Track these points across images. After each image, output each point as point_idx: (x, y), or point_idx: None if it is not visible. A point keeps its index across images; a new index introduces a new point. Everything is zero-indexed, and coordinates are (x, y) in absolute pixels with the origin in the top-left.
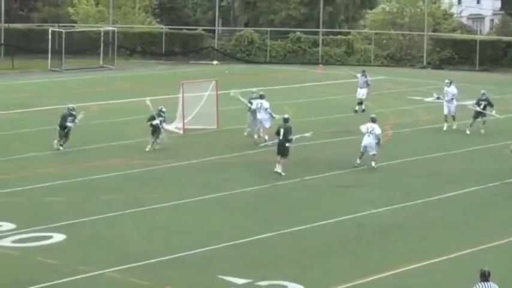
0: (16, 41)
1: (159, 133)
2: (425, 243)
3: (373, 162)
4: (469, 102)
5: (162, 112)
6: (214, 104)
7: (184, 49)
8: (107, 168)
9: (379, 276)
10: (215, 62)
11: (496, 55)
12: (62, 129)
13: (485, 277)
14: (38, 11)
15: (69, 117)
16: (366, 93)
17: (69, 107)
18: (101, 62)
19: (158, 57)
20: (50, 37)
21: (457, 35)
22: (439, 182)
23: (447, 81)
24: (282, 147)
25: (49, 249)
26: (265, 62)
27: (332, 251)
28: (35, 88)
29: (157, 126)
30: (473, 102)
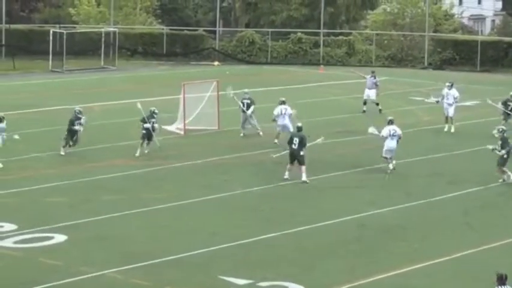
0: (17, 41)
1: (151, 136)
2: (427, 244)
3: (394, 162)
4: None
5: (154, 114)
6: (216, 105)
7: (185, 50)
8: (108, 168)
9: (381, 276)
10: (216, 63)
11: (497, 56)
12: (70, 134)
13: (502, 280)
14: (39, 11)
15: (76, 120)
16: (375, 94)
17: (76, 110)
18: (102, 62)
19: (159, 58)
20: (51, 38)
21: (458, 36)
22: (441, 182)
23: (448, 83)
24: (298, 156)
25: (51, 250)
26: (266, 63)
27: (333, 252)
28: (36, 89)
29: (149, 130)
30: (501, 102)
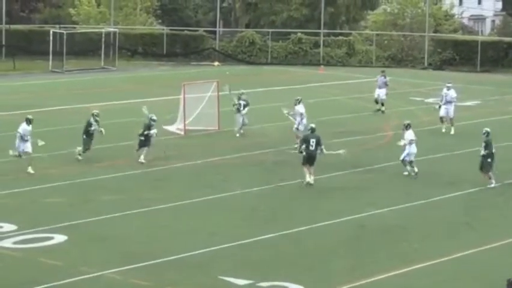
0: (17, 42)
1: (150, 143)
2: (427, 244)
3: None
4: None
5: (152, 121)
6: (216, 105)
7: (185, 50)
8: (108, 168)
9: (381, 276)
10: (216, 63)
11: (497, 56)
12: (88, 137)
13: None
14: (39, 12)
15: (94, 123)
16: (384, 94)
17: (94, 112)
18: (102, 63)
19: (159, 58)
20: (51, 38)
21: (458, 36)
22: (440, 182)
23: (448, 84)
24: (313, 158)
25: (51, 250)
26: (266, 63)
27: (334, 252)
28: (36, 89)
29: (150, 137)
30: None
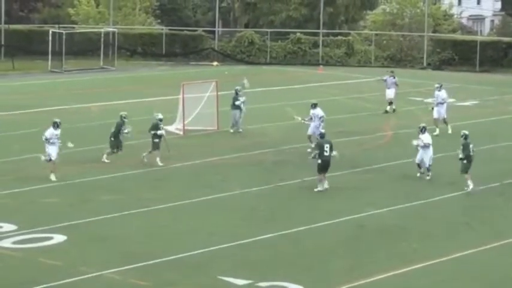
0: (16, 42)
1: (160, 144)
2: (427, 244)
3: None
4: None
5: (159, 120)
6: (215, 105)
7: (184, 50)
8: (107, 168)
9: (381, 276)
10: (215, 63)
11: (496, 56)
12: (116, 139)
13: None
14: (39, 12)
15: (123, 125)
16: (393, 94)
17: (122, 114)
18: (101, 63)
19: (158, 58)
20: (50, 38)
21: (457, 36)
22: (440, 183)
23: (437, 85)
24: (328, 165)
25: (50, 250)
26: (265, 63)
27: (333, 252)
28: (35, 89)
29: (161, 136)
30: None
